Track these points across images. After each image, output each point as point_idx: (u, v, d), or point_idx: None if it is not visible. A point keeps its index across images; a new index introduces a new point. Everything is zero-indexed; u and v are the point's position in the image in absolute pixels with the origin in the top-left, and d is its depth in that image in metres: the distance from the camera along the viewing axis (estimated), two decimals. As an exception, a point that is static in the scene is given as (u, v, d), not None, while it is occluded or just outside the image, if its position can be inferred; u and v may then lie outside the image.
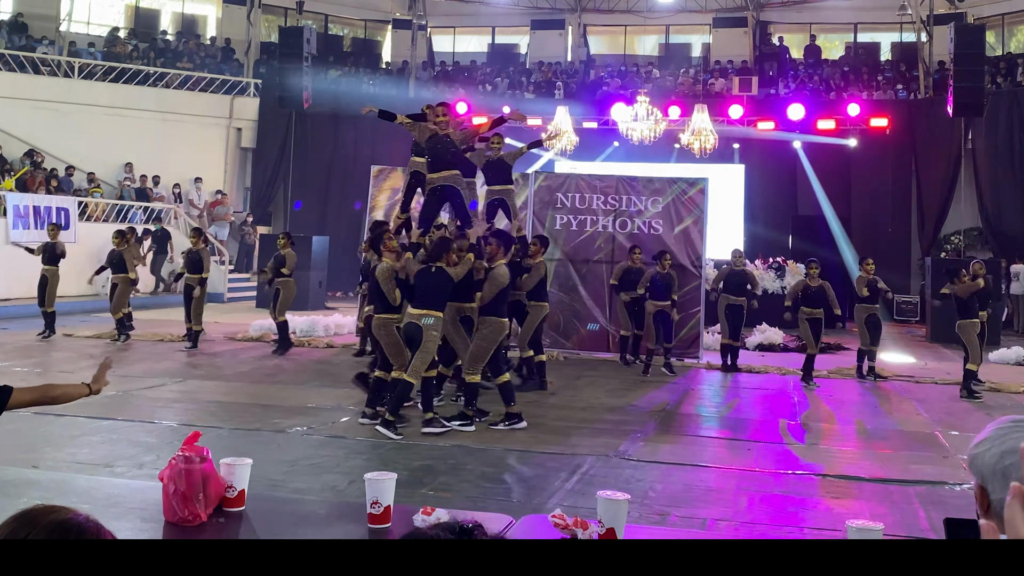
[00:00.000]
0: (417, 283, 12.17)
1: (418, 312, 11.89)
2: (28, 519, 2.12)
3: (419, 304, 11.97)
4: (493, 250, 12.84)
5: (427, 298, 11.94)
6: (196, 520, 4.33)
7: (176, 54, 34.98)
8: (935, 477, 10.35)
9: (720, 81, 34.34)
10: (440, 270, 12.02)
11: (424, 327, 11.79)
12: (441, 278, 12.02)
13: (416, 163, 15.19)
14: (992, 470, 2.33)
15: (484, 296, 12.49)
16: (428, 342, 11.86)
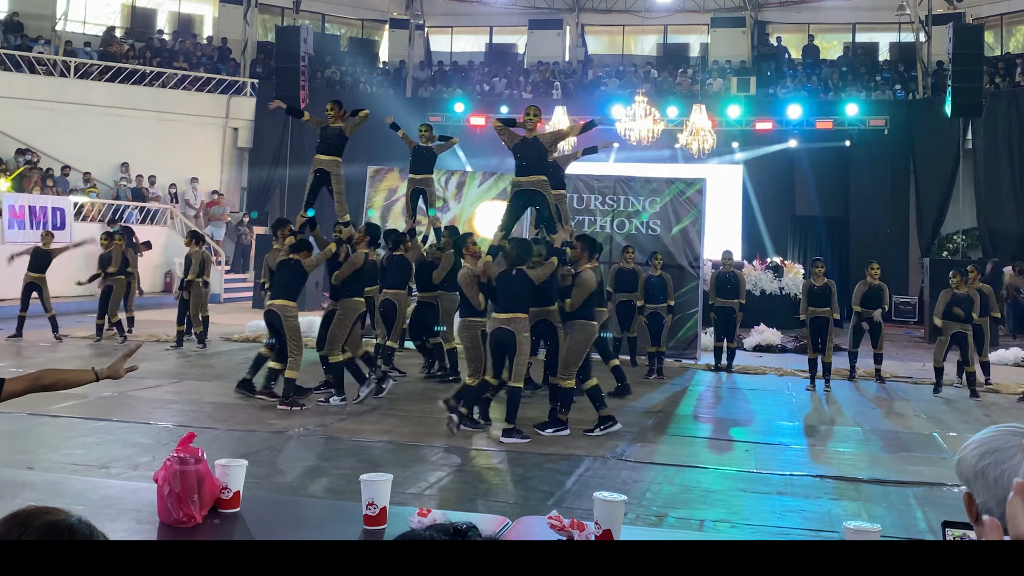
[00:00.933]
0: (499, 287, 12.21)
1: (503, 316, 11.89)
2: (20, 520, 2.10)
3: (502, 308, 11.99)
4: (577, 254, 12.74)
5: (510, 301, 11.94)
6: (191, 522, 4.27)
7: (172, 54, 34.95)
8: (933, 478, 10.30)
9: (718, 81, 34.32)
10: (520, 272, 12.02)
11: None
12: (522, 281, 12.01)
13: (320, 161, 15.39)
14: (973, 472, 2.35)
15: (573, 301, 12.37)
16: (523, 344, 11.87)
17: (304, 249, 13.75)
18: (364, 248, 14.26)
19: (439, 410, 12.15)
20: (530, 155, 13.81)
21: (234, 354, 18.54)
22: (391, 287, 15.86)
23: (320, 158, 15.37)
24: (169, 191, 32.16)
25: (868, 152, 30.31)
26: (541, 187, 13.88)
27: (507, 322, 11.83)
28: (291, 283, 13.63)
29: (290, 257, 13.65)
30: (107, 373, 5.11)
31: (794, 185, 31.49)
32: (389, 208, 21.39)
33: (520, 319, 11.87)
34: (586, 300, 12.38)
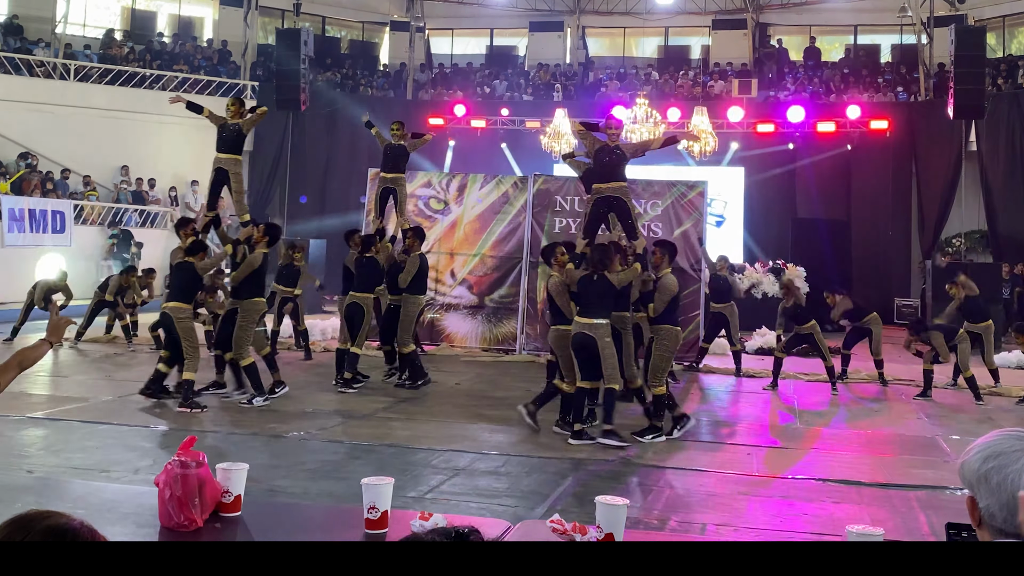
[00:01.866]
0: (580, 292, 12.19)
1: (585, 321, 11.87)
2: (23, 524, 2.10)
3: (584, 312, 11.96)
4: (658, 259, 12.73)
5: (592, 306, 11.93)
6: (192, 525, 4.26)
7: (172, 56, 34.89)
8: (935, 481, 10.27)
9: (720, 83, 34.29)
10: (602, 277, 11.98)
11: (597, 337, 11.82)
12: (603, 285, 11.99)
13: (219, 159, 15.15)
14: (976, 476, 2.35)
15: (656, 306, 12.40)
16: (606, 348, 11.84)
17: (198, 251, 13.73)
18: (263, 248, 14.08)
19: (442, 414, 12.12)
20: (612, 162, 13.80)
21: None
22: (359, 290, 15.53)
23: (219, 156, 15.09)
24: (169, 194, 32.13)
25: (870, 154, 30.25)
26: (621, 193, 13.90)
27: (589, 327, 11.83)
28: (185, 285, 13.62)
29: (185, 259, 13.64)
30: (51, 336, 5.21)
31: (795, 187, 31.45)
32: (390, 211, 21.29)
33: (602, 324, 11.86)
34: (670, 304, 12.42)
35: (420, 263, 15.88)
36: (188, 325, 13.45)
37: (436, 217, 21.29)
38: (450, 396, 15.20)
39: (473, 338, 20.58)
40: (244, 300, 13.92)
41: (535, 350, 19.90)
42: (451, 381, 16.58)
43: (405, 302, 15.90)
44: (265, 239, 14.23)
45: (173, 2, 37.35)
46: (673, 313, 12.54)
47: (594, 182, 14.12)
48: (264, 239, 14.22)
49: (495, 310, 20.60)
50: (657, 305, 12.38)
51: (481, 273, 20.81)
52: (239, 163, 15.26)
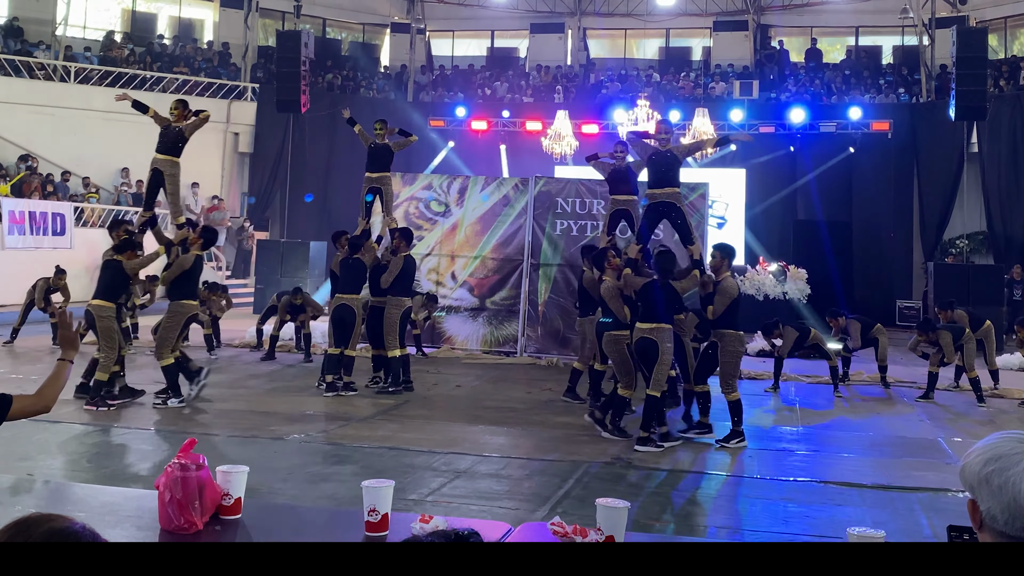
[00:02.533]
0: (642, 298, 12.20)
1: (647, 326, 11.87)
2: (24, 527, 2.10)
3: (646, 318, 11.97)
4: (717, 262, 12.66)
5: (654, 311, 11.93)
6: (192, 528, 4.25)
7: (173, 58, 34.86)
8: (937, 484, 10.28)
9: (721, 85, 34.24)
10: (667, 284, 12.03)
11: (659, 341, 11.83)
12: (667, 291, 12.03)
13: (156, 160, 15.18)
14: (977, 478, 2.35)
15: (715, 308, 12.34)
16: (665, 354, 11.86)
17: (128, 249, 13.71)
18: (197, 251, 14.05)
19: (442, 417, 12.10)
20: (664, 167, 13.80)
21: (235, 360, 18.51)
22: (346, 292, 15.42)
23: (157, 157, 15.11)
24: (170, 196, 32.10)
25: (871, 156, 30.20)
26: (675, 199, 13.91)
27: (651, 331, 11.86)
28: (111, 284, 13.61)
29: (113, 257, 13.61)
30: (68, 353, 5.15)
31: (796, 189, 31.41)
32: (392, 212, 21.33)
33: (664, 329, 11.89)
34: (730, 308, 12.34)
35: (404, 264, 15.66)
36: (108, 324, 13.40)
37: (437, 219, 21.26)
38: (451, 398, 15.19)
39: (474, 340, 20.55)
40: (173, 301, 13.90)
41: (536, 352, 19.89)
42: (452, 383, 16.57)
43: (388, 304, 15.66)
44: (200, 241, 14.20)
45: (173, 4, 37.31)
46: (734, 316, 12.44)
47: (648, 187, 14.16)
48: (199, 241, 14.17)
49: (496, 312, 20.57)
50: (717, 308, 12.30)
51: (482, 275, 20.78)
52: (176, 165, 15.16)
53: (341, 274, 15.56)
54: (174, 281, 13.90)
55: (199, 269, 14.21)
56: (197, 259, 13.98)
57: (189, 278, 14.00)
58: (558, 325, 19.92)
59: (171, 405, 13.50)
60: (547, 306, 20.15)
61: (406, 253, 15.84)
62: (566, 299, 19.82)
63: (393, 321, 15.54)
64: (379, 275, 15.76)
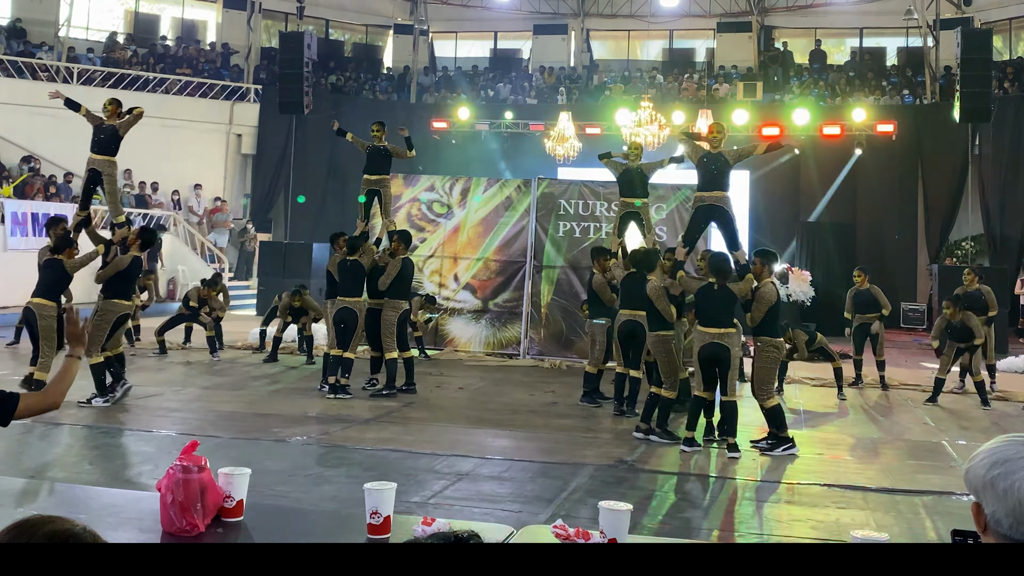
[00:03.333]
0: (700, 301, 12.20)
1: (714, 331, 11.83)
2: (26, 528, 2.09)
3: (709, 322, 11.94)
4: (758, 268, 12.51)
5: (717, 315, 11.91)
6: (194, 530, 4.26)
7: (176, 60, 34.90)
8: (942, 487, 10.24)
9: (725, 86, 34.18)
10: (724, 287, 11.98)
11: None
12: (726, 295, 11.98)
13: (92, 160, 15.02)
14: (982, 482, 2.33)
15: (754, 315, 12.21)
16: (735, 359, 11.88)
17: (66, 248, 13.71)
18: (136, 251, 13.94)
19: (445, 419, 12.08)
20: (715, 170, 13.78)
21: (237, 362, 18.50)
22: (348, 295, 15.21)
23: (93, 157, 14.95)
24: (172, 198, 32.09)
25: (876, 158, 30.12)
26: (724, 203, 13.87)
27: (720, 336, 11.79)
28: (51, 282, 13.64)
29: (54, 257, 13.62)
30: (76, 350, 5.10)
31: (800, 191, 31.39)
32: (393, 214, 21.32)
33: (732, 333, 11.86)
34: (769, 315, 12.20)
35: (403, 267, 15.55)
36: (49, 324, 13.37)
37: (439, 221, 21.25)
38: (453, 401, 15.18)
39: (477, 342, 20.54)
40: (105, 300, 13.71)
41: (539, 354, 19.88)
42: (454, 386, 16.55)
43: (386, 306, 15.58)
44: (138, 242, 14.05)
45: (176, 5, 37.34)
46: (773, 323, 12.32)
47: (697, 190, 14.12)
48: (137, 242, 14.04)
49: (499, 314, 20.56)
50: (755, 315, 12.16)
51: (485, 277, 20.77)
52: (113, 164, 15.06)
53: (341, 277, 15.37)
54: (108, 280, 13.77)
55: (136, 269, 14.13)
56: (135, 260, 13.85)
57: (124, 278, 13.87)
58: (561, 327, 19.92)
59: (95, 405, 13.39)
60: (550, 308, 20.15)
61: (405, 256, 15.77)
62: (569, 301, 19.82)
63: (390, 323, 15.47)
64: (377, 277, 15.66)
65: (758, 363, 12.35)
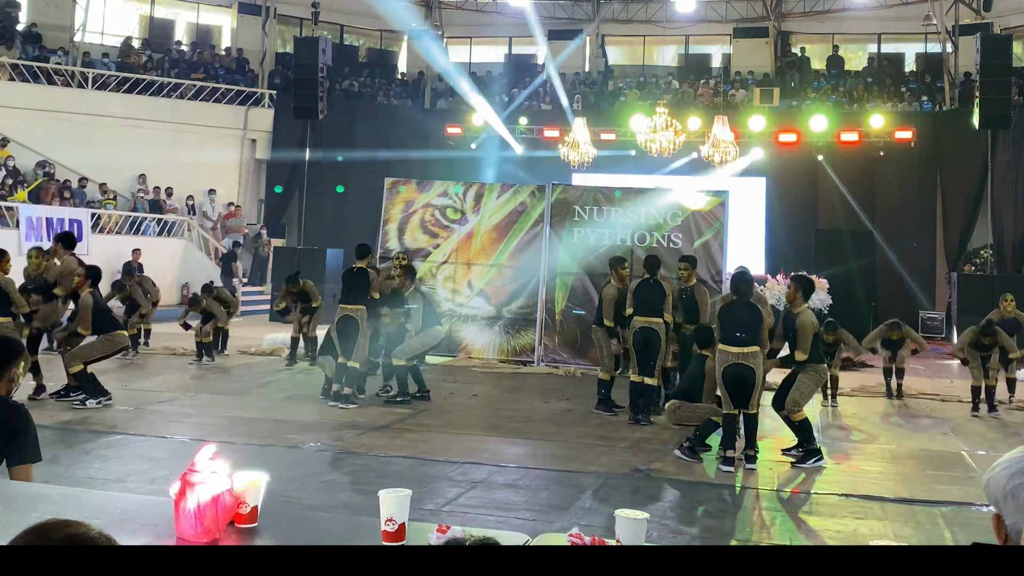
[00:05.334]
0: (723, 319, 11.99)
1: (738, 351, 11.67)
2: (41, 533, 2.11)
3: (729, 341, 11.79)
4: (791, 295, 12.32)
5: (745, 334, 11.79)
6: (208, 536, 4.19)
7: (190, 64, 34.96)
8: (961, 498, 10.19)
9: (741, 92, 34.12)
10: (747, 305, 11.92)
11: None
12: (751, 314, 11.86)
13: None
14: (1003, 492, 2.29)
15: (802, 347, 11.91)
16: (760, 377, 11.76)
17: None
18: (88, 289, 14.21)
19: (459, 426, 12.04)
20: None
21: (251, 367, 18.48)
22: (349, 302, 15.18)
23: None
24: (186, 203, 32.13)
25: (894, 164, 30.04)
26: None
27: (743, 356, 11.63)
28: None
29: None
30: None
31: (818, 198, 31.30)
32: (406, 221, 21.30)
33: (755, 352, 11.64)
34: (815, 342, 12.03)
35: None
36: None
37: (453, 227, 21.21)
38: (467, 408, 15.14)
39: (490, 349, 20.49)
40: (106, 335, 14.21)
41: (553, 362, 19.82)
42: (468, 393, 16.50)
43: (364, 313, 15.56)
44: (87, 282, 14.31)
45: (191, 10, 37.42)
46: (817, 349, 12.14)
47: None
48: (86, 283, 14.29)
49: (513, 321, 20.50)
50: (801, 345, 11.90)
51: (499, 284, 20.72)
52: None
53: (344, 284, 15.47)
54: (94, 323, 14.10)
55: (102, 299, 14.56)
56: (94, 295, 14.19)
57: (102, 313, 14.28)
58: (575, 334, 19.85)
59: (89, 405, 13.56)
60: (564, 315, 20.09)
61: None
62: (584, 308, 19.75)
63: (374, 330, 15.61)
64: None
65: (800, 383, 12.11)
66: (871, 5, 35.36)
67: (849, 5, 35.79)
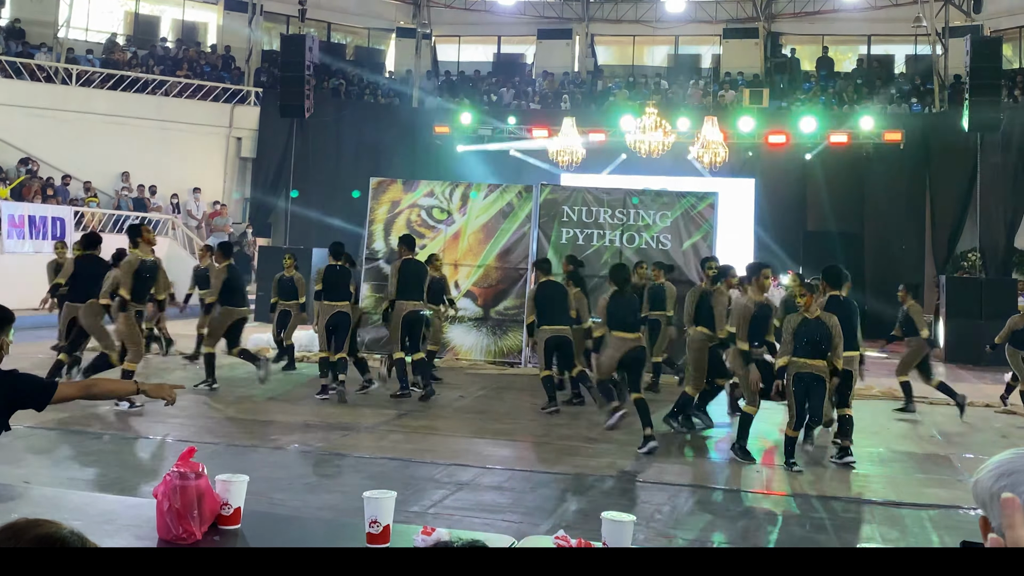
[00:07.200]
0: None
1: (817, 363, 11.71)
2: (12, 532, 2.10)
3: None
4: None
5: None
6: (190, 538, 4.23)
7: (176, 62, 34.87)
8: (948, 501, 10.21)
9: (730, 93, 34.16)
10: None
11: None
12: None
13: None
14: (989, 494, 2.28)
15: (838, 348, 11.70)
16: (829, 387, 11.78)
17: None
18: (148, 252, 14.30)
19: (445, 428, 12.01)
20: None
21: (235, 368, 18.37)
22: (337, 299, 15.64)
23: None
24: (171, 201, 32.05)
25: (883, 166, 30.06)
26: None
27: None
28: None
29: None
30: (151, 389, 5.56)
31: (807, 199, 31.32)
32: (392, 221, 21.20)
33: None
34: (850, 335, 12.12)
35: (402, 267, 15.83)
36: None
37: (439, 227, 21.12)
38: (454, 409, 15.12)
39: (477, 351, 20.42)
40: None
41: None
42: (455, 394, 16.46)
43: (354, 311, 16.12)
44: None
45: (177, 7, 37.34)
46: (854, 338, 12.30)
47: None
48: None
49: (500, 322, 20.44)
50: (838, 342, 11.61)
51: (486, 284, 20.65)
52: None
53: (328, 282, 15.71)
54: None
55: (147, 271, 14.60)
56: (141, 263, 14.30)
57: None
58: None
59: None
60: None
61: (407, 257, 15.76)
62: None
63: (395, 325, 15.59)
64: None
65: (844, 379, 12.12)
66: (861, 6, 35.50)
67: (839, 6, 35.93)
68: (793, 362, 11.40)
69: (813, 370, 11.38)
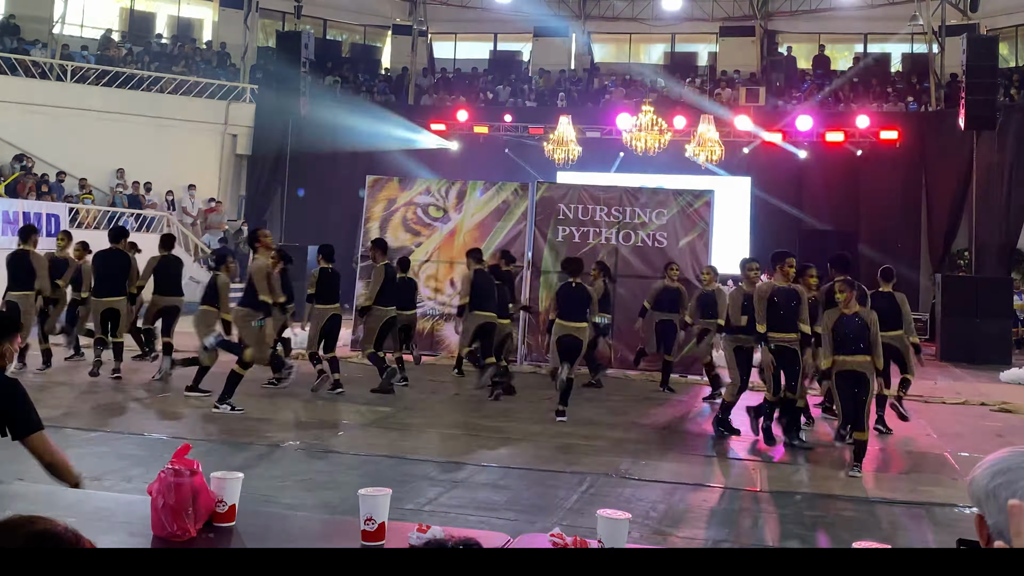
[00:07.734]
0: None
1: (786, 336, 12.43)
2: (5, 529, 2.10)
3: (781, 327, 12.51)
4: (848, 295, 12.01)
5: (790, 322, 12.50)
6: (185, 535, 4.24)
7: (171, 58, 34.79)
8: (944, 499, 10.20)
9: (727, 91, 34.10)
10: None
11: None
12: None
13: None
14: (984, 492, 2.29)
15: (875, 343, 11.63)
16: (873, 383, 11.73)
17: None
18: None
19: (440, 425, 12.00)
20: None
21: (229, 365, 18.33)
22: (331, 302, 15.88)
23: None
24: (166, 198, 31.95)
25: (879, 165, 30.08)
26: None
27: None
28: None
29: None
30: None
31: (803, 198, 31.30)
32: (388, 219, 21.17)
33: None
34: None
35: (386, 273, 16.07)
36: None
37: (435, 225, 21.10)
38: (449, 407, 15.15)
39: (473, 348, 20.39)
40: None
41: (536, 361, 19.73)
42: (450, 391, 16.48)
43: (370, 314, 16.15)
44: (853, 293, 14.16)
45: (172, 3, 37.25)
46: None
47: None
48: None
49: (496, 320, 20.41)
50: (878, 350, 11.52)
51: (482, 282, 20.62)
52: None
53: (321, 286, 15.83)
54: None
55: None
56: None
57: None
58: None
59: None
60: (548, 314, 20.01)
61: (384, 263, 16.02)
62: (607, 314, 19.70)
63: (371, 330, 16.00)
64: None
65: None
66: (858, 5, 35.41)
67: (836, 5, 35.83)
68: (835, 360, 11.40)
69: (855, 367, 11.33)
